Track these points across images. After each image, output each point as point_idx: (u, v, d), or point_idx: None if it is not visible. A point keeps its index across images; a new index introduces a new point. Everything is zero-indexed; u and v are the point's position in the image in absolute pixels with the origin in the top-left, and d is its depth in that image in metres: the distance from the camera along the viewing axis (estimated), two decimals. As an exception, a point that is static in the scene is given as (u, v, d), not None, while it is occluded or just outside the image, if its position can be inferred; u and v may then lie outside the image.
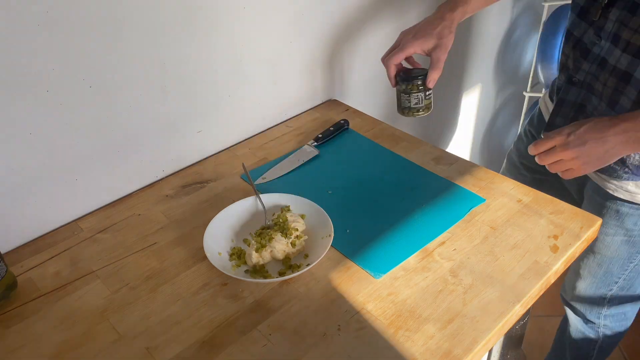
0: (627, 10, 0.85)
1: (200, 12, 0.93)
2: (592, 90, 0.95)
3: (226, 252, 0.83)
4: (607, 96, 0.92)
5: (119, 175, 0.96)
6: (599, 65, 0.92)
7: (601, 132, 0.81)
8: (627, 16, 0.85)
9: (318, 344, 0.69)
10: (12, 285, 0.78)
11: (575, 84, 0.98)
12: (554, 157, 0.85)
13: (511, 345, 1.23)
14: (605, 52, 0.91)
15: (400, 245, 0.84)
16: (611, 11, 0.88)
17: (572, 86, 0.98)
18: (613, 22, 0.88)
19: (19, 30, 0.74)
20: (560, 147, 0.83)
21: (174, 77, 0.95)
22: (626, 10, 0.86)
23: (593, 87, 0.95)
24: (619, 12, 0.87)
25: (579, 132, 0.82)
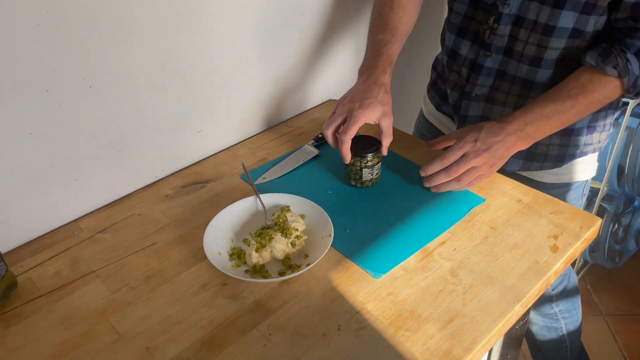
0: (513, 24, 0.91)
1: (200, 12, 0.93)
2: (492, 101, 1.01)
3: (226, 252, 0.83)
4: (512, 103, 0.99)
5: (119, 175, 0.96)
6: (497, 77, 0.98)
7: (499, 135, 0.87)
8: (514, 30, 0.92)
9: (318, 344, 0.69)
10: (12, 285, 0.78)
11: (474, 99, 1.02)
12: (467, 165, 0.88)
13: (511, 345, 1.22)
14: (500, 64, 0.97)
15: (400, 245, 0.84)
16: (498, 28, 0.93)
17: (471, 102, 1.03)
18: (502, 37, 0.94)
19: (19, 30, 0.74)
20: (473, 154, 0.87)
21: (174, 77, 0.95)
22: (511, 24, 0.92)
23: (494, 97, 1.01)
24: (505, 27, 0.92)
25: (482, 137, 0.87)
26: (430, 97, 1.19)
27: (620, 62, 0.84)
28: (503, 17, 0.91)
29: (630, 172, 1.79)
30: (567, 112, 0.87)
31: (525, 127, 0.88)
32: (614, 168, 1.79)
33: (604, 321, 1.90)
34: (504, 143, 0.87)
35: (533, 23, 0.89)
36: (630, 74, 0.84)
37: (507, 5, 0.90)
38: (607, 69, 0.85)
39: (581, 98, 0.87)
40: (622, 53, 0.84)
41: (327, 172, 1.01)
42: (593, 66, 0.86)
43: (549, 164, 1.03)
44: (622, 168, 1.80)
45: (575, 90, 0.87)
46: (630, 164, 1.78)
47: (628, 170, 1.79)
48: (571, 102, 0.87)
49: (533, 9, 0.88)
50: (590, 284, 2.04)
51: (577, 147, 1.02)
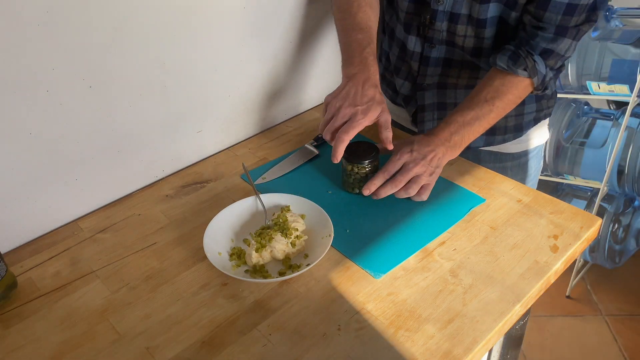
0: (449, 20, 0.96)
1: (200, 12, 0.93)
2: (445, 87, 1.06)
3: (226, 252, 0.83)
4: (463, 85, 1.05)
5: (119, 175, 0.96)
6: (445, 65, 1.03)
7: (429, 145, 0.91)
8: (451, 26, 0.96)
9: (318, 344, 0.69)
10: (12, 285, 0.78)
11: (426, 88, 1.07)
12: (409, 173, 0.89)
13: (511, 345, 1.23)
14: (445, 53, 1.02)
15: (400, 245, 0.84)
16: (435, 24, 0.97)
17: (425, 91, 1.07)
18: (440, 32, 0.98)
19: (19, 30, 0.74)
20: (412, 163, 0.89)
21: (174, 77, 0.95)
22: (447, 21, 0.96)
23: (446, 83, 1.06)
24: (442, 23, 0.97)
25: (415, 147, 0.90)
26: (383, 90, 1.20)
27: (529, 64, 0.90)
28: (438, 14, 0.96)
29: (630, 172, 1.79)
30: (486, 116, 0.92)
31: (451, 137, 0.92)
32: (614, 168, 1.79)
33: (604, 321, 1.90)
34: (436, 153, 0.90)
35: (467, 17, 0.94)
36: (538, 74, 0.91)
37: (440, 3, 0.94)
38: (518, 71, 0.90)
39: (497, 101, 0.92)
40: (529, 55, 0.90)
41: (327, 172, 1.01)
42: (504, 69, 0.91)
43: (510, 135, 1.09)
44: (622, 168, 1.80)
45: (491, 95, 0.92)
46: (630, 164, 1.78)
47: (628, 170, 1.79)
48: (489, 106, 0.92)
49: (465, 4, 0.93)
50: (590, 284, 2.04)
51: (531, 114, 1.08)
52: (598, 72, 1.71)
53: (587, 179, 1.85)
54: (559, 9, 0.85)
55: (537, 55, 0.90)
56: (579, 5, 0.84)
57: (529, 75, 0.91)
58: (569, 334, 1.86)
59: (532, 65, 0.90)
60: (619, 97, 1.73)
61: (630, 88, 1.64)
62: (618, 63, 1.68)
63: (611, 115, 1.87)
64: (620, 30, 1.73)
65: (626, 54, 1.68)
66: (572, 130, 1.90)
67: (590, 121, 1.92)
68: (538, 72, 0.90)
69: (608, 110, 1.97)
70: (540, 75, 0.91)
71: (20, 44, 0.75)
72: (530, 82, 0.92)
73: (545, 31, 0.88)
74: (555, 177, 1.92)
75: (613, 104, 2.04)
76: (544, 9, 0.86)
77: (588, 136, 1.89)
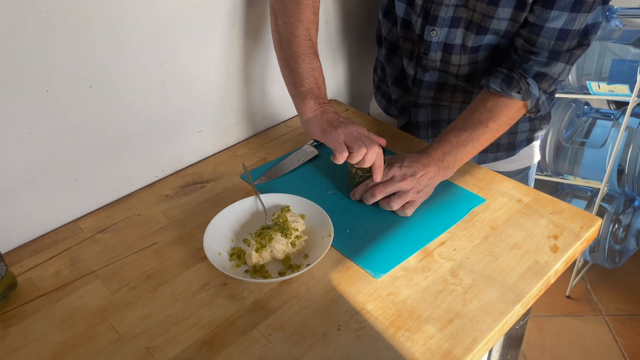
0: (443, 50, 0.96)
1: (201, 12, 0.93)
2: (439, 108, 1.07)
3: (226, 252, 0.83)
4: (456, 109, 1.06)
5: (119, 175, 0.96)
6: (438, 89, 1.04)
7: (421, 163, 0.90)
8: (445, 55, 0.97)
9: (318, 344, 0.69)
10: (12, 285, 0.78)
11: (420, 106, 1.07)
12: (393, 186, 0.88)
13: (511, 345, 1.23)
14: (438, 78, 1.02)
15: (400, 245, 0.84)
16: (429, 54, 0.98)
17: (419, 109, 1.08)
18: (434, 61, 0.99)
19: (19, 30, 0.74)
20: (399, 177, 0.88)
21: (174, 77, 0.95)
22: (441, 51, 0.97)
23: (439, 105, 1.07)
24: (436, 54, 0.97)
25: (406, 164, 0.90)
26: (377, 101, 1.23)
27: (522, 87, 0.90)
28: (432, 45, 0.96)
29: (630, 172, 1.79)
30: (480, 137, 0.92)
31: (445, 157, 0.91)
32: (614, 168, 1.79)
33: (604, 321, 1.90)
34: (426, 172, 0.89)
35: (460, 47, 0.94)
36: (532, 97, 0.91)
37: (434, 34, 0.94)
38: (512, 94, 0.90)
39: (491, 123, 0.92)
40: (522, 78, 0.90)
41: (327, 172, 1.01)
42: (498, 92, 0.91)
43: (502, 153, 1.10)
44: (622, 168, 1.80)
45: (485, 116, 0.92)
46: (630, 164, 1.78)
47: (628, 170, 1.79)
48: (482, 128, 0.92)
49: (459, 35, 0.93)
50: (590, 284, 2.04)
51: (524, 133, 1.08)
52: (598, 72, 1.71)
53: (587, 179, 1.85)
54: (552, 34, 0.85)
55: (531, 78, 0.90)
56: (571, 31, 0.84)
57: (522, 98, 0.90)
58: (569, 334, 1.86)
59: (525, 88, 0.89)
60: (619, 97, 1.73)
61: (630, 88, 1.64)
62: (618, 63, 1.68)
63: (611, 115, 1.87)
64: (620, 30, 1.73)
65: (626, 54, 1.68)
66: (572, 130, 1.90)
67: (590, 121, 1.92)
68: (532, 94, 0.90)
69: (608, 110, 1.97)
70: (533, 97, 0.91)
71: (20, 44, 0.75)
72: (524, 104, 0.92)
73: (538, 55, 0.88)
74: (555, 177, 1.92)
75: (613, 104, 2.04)
76: (537, 34, 0.86)
77: (588, 136, 1.89)
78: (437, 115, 1.08)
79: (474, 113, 0.93)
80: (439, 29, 0.93)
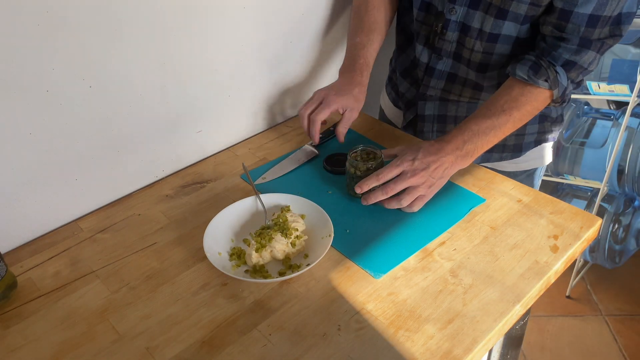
0: (460, 31, 0.95)
1: (201, 12, 0.93)
2: (446, 101, 1.05)
3: (226, 252, 0.83)
4: (464, 105, 1.04)
5: (119, 175, 0.96)
6: (449, 80, 1.02)
7: (436, 154, 0.86)
8: (461, 37, 0.95)
9: (318, 344, 0.69)
10: (12, 285, 0.78)
11: (428, 99, 1.06)
12: (404, 183, 0.85)
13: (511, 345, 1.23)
14: (450, 67, 1.01)
15: (400, 245, 0.84)
16: (446, 34, 0.96)
17: (426, 101, 1.06)
18: (450, 42, 0.97)
19: (19, 30, 0.74)
20: (410, 173, 0.85)
21: (174, 77, 0.95)
22: (458, 32, 0.95)
23: (447, 98, 1.05)
24: (453, 34, 0.96)
25: (419, 156, 0.86)
26: (387, 92, 1.22)
27: (550, 75, 0.87)
28: (450, 23, 0.95)
29: (630, 172, 1.79)
30: (502, 126, 0.89)
31: (464, 145, 0.88)
32: (614, 168, 1.79)
33: (604, 321, 1.90)
34: (442, 163, 0.86)
35: (478, 31, 0.93)
36: (560, 86, 0.88)
37: (453, 12, 0.93)
38: (539, 82, 0.87)
39: (515, 112, 0.89)
40: (551, 66, 0.87)
41: (327, 172, 1.01)
42: (525, 79, 0.88)
43: (507, 154, 1.07)
44: (622, 168, 1.80)
45: (509, 104, 0.89)
46: (630, 164, 1.78)
47: (628, 170, 1.79)
48: (505, 116, 0.89)
49: (478, 17, 0.91)
50: (590, 284, 2.04)
51: (532, 135, 1.06)
52: (598, 72, 1.71)
53: (587, 179, 1.85)
54: (582, 20, 0.82)
55: (559, 67, 0.87)
56: (602, 17, 0.81)
57: (549, 87, 0.87)
58: (569, 334, 1.86)
59: (553, 77, 0.86)
60: (619, 97, 1.73)
61: (630, 88, 1.64)
62: (618, 63, 1.68)
63: (611, 115, 1.87)
64: (620, 30, 1.73)
65: (626, 54, 1.68)
66: (572, 130, 1.90)
67: (590, 121, 1.92)
68: (559, 83, 0.87)
69: (608, 110, 1.97)
70: (561, 87, 0.88)
71: (20, 44, 0.75)
72: (550, 93, 0.89)
73: (568, 42, 0.85)
74: (555, 177, 1.92)
75: (613, 104, 2.04)
76: (566, 20, 0.83)
77: (588, 136, 1.89)
78: (444, 110, 1.07)
79: (498, 101, 0.90)
80: (459, 8, 0.92)
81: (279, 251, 0.80)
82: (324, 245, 0.80)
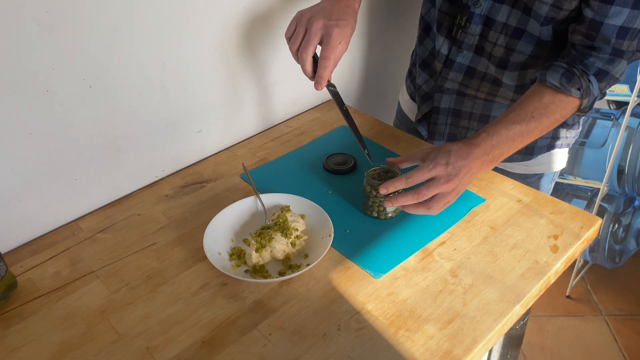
0: (483, 24, 0.93)
1: (200, 12, 0.93)
2: (464, 95, 1.03)
3: (226, 252, 0.83)
4: (480, 101, 1.02)
5: (119, 175, 0.96)
6: (467, 74, 1.00)
7: (466, 158, 0.82)
8: (485, 30, 0.93)
9: (318, 344, 0.69)
10: (12, 285, 0.78)
11: (445, 91, 1.04)
12: (436, 189, 0.80)
13: (511, 345, 1.23)
14: (470, 61, 0.99)
15: (400, 245, 0.84)
16: (469, 27, 0.94)
17: (443, 94, 1.05)
18: (473, 36, 0.95)
19: (19, 30, 0.74)
20: (444, 179, 0.80)
21: (174, 77, 0.95)
22: (482, 25, 0.93)
23: (465, 92, 1.03)
24: (476, 27, 0.94)
25: (452, 161, 0.81)
26: (407, 86, 1.21)
27: (583, 84, 0.84)
28: (475, 16, 0.93)
29: (630, 172, 1.79)
30: (530, 133, 0.86)
31: (492, 150, 0.85)
32: (614, 168, 1.79)
33: (604, 321, 1.90)
34: (470, 168, 0.82)
35: (502, 25, 0.91)
36: (590, 96, 0.85)
37: (478, 5, 0.91)
38: (572, 90, 0.84)
39: (544, 119, 0.86)
40: (584, 75, 0.85)
41: (328, 173, 1.01)
42: (557, 87, 0.85)
43: (518, 156, 1.05)
44: (622, 168, 1.80)
45: (539, 112, 0.86)
46: (630, 164, 1.78)
47: (628, 170, 1.79)
48: (535, 123, 0.86)
49: (503, 11, 0.90)
50: (590, 284, 2.04)
51: (545, 139, 1.03)
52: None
53: (587, 179, 1.85)
54: (612, 31, 0.80)
55: (592, 76, 0.85)
56: (632, 30, 0.80)
57: (581, 96, 0.85)
58: (569, 334, 1.86)
59: (586, 86, 0.84)
60: (619, 97, 1.73)
61: (630, 88, 1.64)
62: (618, 63, 1.68)
63: (611, 115, 1.87)
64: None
65: (626, 54, 1.67)
66: (572, 130, 1.90)
67: (590, 121, 1.92)
68: (591, 93, 0.85)
69: (608, 110, 1.97)
70: (592, 97, 0.85)
71: (20, 43, 0.75)
72: (580, 103, 0.86)
73: (600, 52, 0.83)
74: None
75: (613, 104, 2.04)
76: (596, 30, 0.81)
77: (588, 136, 1.89)
78: (460, 105, 1.05)
79: (528, 107, 0.86)
80: (483, 1, 0.90)
81: (279, 251, 0.80)
82: (324, 245, 0.80)
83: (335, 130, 1.14)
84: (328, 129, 1.15)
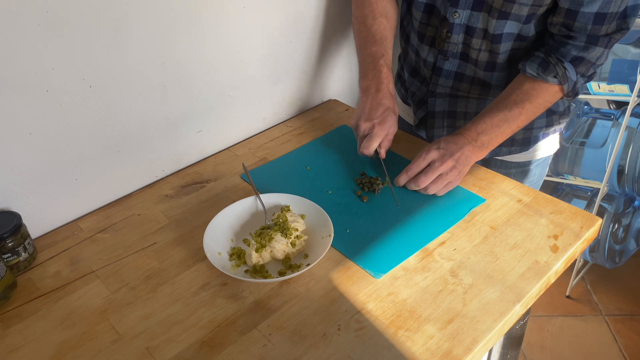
0: (465, 33, 0.96)
1: (201, 12, 0.93)
2: (456, 97, 1.07)
3: (226, 252, 0.83)
4: (474, 101, 1.05)
5: (118, 175, 0.96)
6: (457, 79, 1.03)
7: (457, 143, 0.91)
8: (467, 38, 0.96)
9: (318, 344, 0.69)
10: (12, 285, 0.78)
11: (438, 96, 1.07)
12: (434, 173, 0.90)
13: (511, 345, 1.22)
14: (457, 67, 1.02)
15: (400, 245, 0.84)
16: (451, 37, 0.97)
17: (436, 98, 1.08)
18: (456, 44, 0.98)
19: (19, 30, 0.74)
20: (439, 161, 0.89)
21: (174, 77, 0.95)
22: (463, 34, 0.96)
23: (457, 96, 1.06)
24: (458, 36, 0.96)
25: (443, 145, 0.91)
26: (397, 90, 1.22)
27: (559, 71, 0.89)
28: (455, 26, 0.95)
29: (630, 172, 1.79)
30: (515, 118, 0.92)
31: (479, 137, 0.92)
32: (614, 168, 1.79)
33: (604, 321, 1.90)
34: (463, 151, 0.90)
35: (483, 32, 0.94)
36: (569, 81, 0.90)
37: (456, 15, 0.94)
38: (548, 78, 0.90)
39: (527, 104, 0.92)
40: (559, 62, 0.89)
41: (328, 172, 1.01)
42: (534, 76, 0.91)
43: (516, 148, 1.09)
44: (622, 168, 1.80)
45: (520, 98, 0.92)
46: (630, 164, 1.78)
47: (628, 170, 1.79)
48: (518, 109, 0.92)
49: (482, 19, 0.92)
50: (590, 284, 2.04)
51: (540, 129, 1.07)
52: (598, 72, 1.71)
53: (587, 179, 1.85)
54: (588, 19, 0.84)
55: (568, 63, 0.89)
56: (608, 14, 0.83)
57: (559, 82, 0.90)
58: (569, 334, 1.86)
59: (562, 73, 0.89)
60: (619, 97, 1.73)
61: (630, 88, 1.64)
62: (618, 63, 1.68)
63: (611, 115, 1.87)
64: (620, 30, 1.73)
65: (626, 54, 1.67)
66: (572, 130, 1.90)
67: (590, 121, 1.92)
68: (569, 78, 0.90)
69: (608, 110, 1.97)
70: (570, 82, 0.90)
71: (20, 44, 0.75)
72: (560, 88, 0.92)
73: (575, 40, 0.87)
74: (555, 177, 1.92)
75: (613, 104, 2.04)
76: (573, 19, 0.85)
77: (588, 136, 1.88)
78: (454, 106, 1.08)
79: (510, 95, 0.93)
80: (461, 11, 0.93)
81: (279, 251, 0.80)
82: (324, 245, 0.80)
83: (335, 130, 1.14)
84: (328, 129, 1.15)
